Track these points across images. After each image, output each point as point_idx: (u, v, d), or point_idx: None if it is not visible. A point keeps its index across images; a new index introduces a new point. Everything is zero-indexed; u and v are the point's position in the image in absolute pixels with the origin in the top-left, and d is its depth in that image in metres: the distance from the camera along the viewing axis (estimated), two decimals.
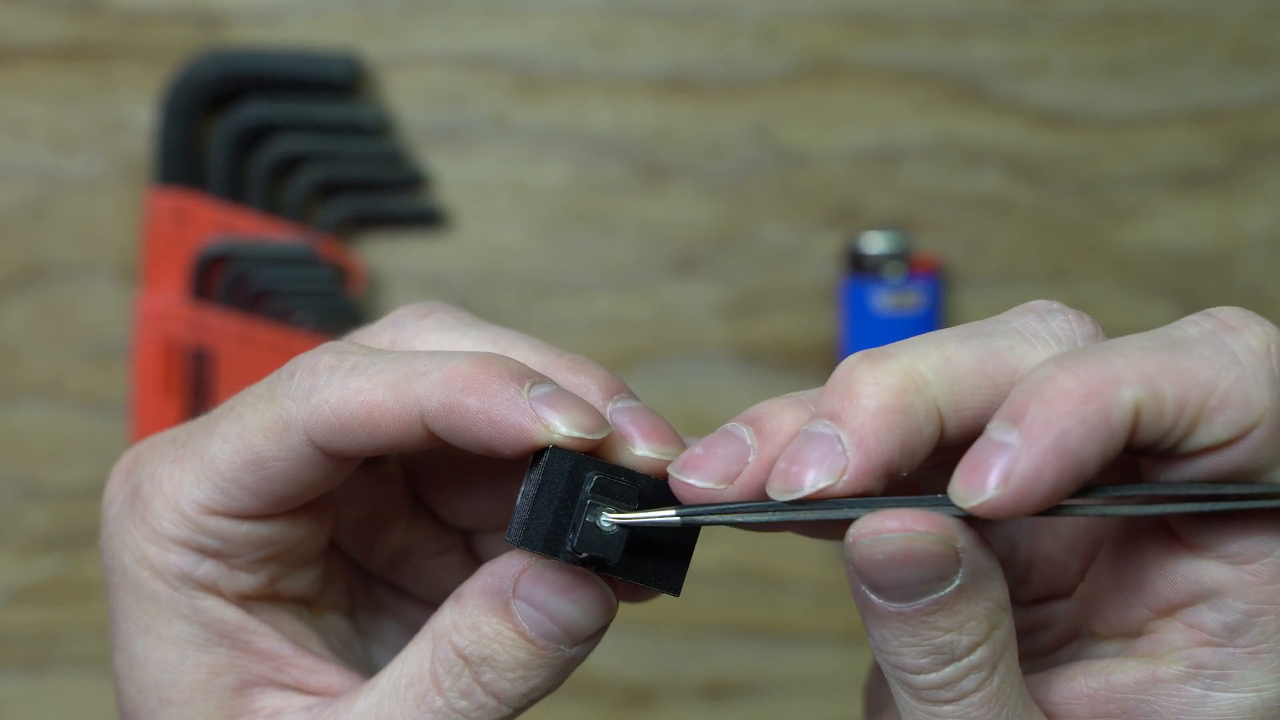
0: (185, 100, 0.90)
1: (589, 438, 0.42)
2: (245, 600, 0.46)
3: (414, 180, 0.91)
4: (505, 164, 0.92)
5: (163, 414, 0.90)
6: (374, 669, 0.48)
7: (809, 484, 0.39)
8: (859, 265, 0.90)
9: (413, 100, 0.92)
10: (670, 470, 0.41)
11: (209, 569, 0.45)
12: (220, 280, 0.90)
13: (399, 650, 0.46)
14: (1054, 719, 0.42)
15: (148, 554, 0.45)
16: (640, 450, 0.43)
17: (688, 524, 0.41)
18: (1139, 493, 0.39)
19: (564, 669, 0.43)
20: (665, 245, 0.92)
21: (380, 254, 0.92)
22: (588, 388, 0.44)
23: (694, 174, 0.92)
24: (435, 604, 0.45)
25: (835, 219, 0.92)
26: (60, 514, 0.91)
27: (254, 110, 0.90)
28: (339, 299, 0.90)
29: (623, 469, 0.42)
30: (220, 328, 0.90)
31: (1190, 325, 0.39)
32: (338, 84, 0.90)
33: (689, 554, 0.43)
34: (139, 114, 0.91)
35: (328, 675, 0.46)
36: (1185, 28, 0.93)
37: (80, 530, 0.91)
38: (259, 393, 0.44)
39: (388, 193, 0.92)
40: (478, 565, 0.44)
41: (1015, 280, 0.92)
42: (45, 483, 0.91)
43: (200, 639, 0.45)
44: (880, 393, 0.39)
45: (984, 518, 0.38)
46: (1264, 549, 0.39)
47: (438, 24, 0.91)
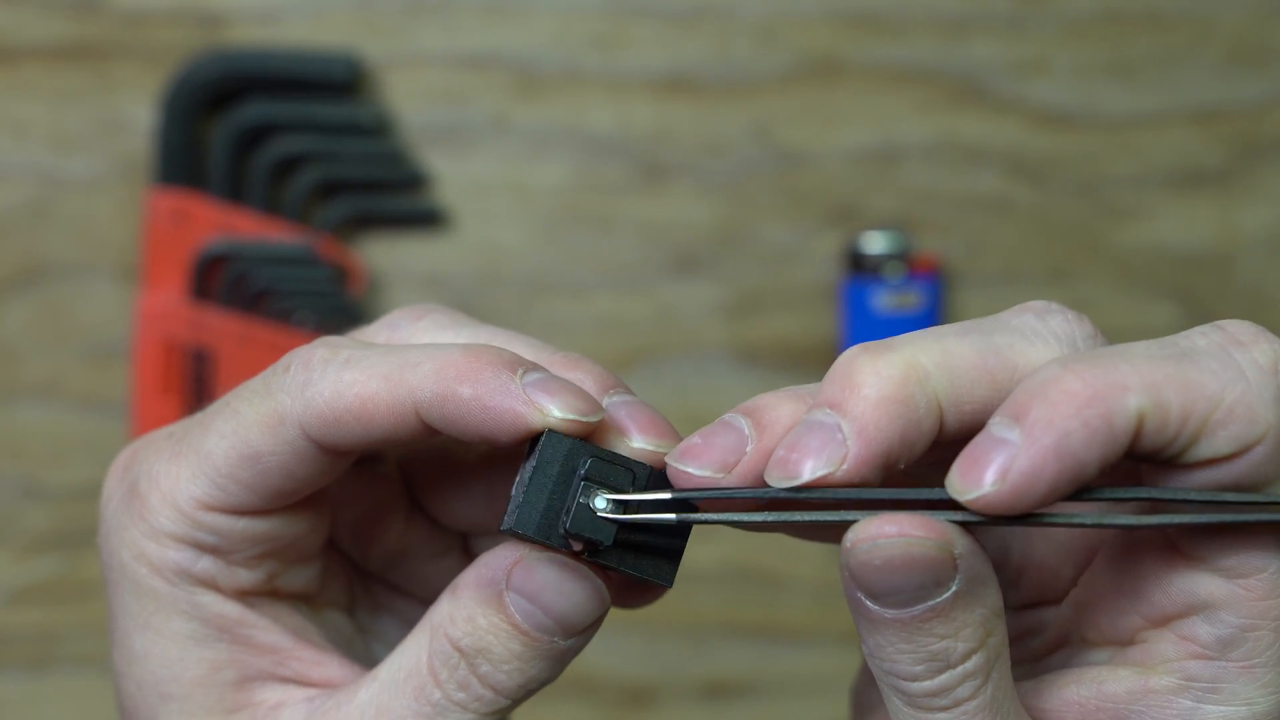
0: (185, 100, 0.90)
1: (583, 420, 0.41)
2: (244, 596, 0.45)
3: (414, 180, 0.91)
4: (505, 164, 0.92)
5: (163, 414, 0.90)
6: (375, 664, 0.48)
7: (808, 471, 0.39)
8: (859, 265, 0.90)
9: (413, 100, 0.92)
10: (668, 459, 0.41)
11: (207, 565, 0.45)
12: (220, 280, 0.90)
13: None
14: None
15: (145, 550, 0.44)
16: (637, 442, 0.43)
17: (683, 521, 0.41)
18: (1136, 497, 0.39)
19: (560, 660, 0.43)
20: (665, 245, 0.92)
21: (380, 254, 0.92)
22: (583, 382, 0.43)
23: (694, 174, 0.92)
24: None
25: (835, 219, 0.92)
26: (60, 514, 0.91)
27: (254, 110, 0.90)
28: (339, 299, 0.90)
29: (619, 456, 0.42)
30: (220, 328, 0.90)
31: (1199, 336, 0.39)
32: (338, 84, 0.90)
33: (682, 546, 0.42)
34: (139, 114, 0.91)
35: (329, 667, 0.46)
36: (1185, 28, 0.93)
37: (80, 530, 0.91)
38: (254, 388, 0.44)
39: (388, 193, 0.92)
40: None
41: (1015, 280, 0.92)
42: (45, 483, 0.91)
43: (200, 634, 0.45)
44: (882, 383, 0.39)
45: (978, 513, 0.38)
46: (1259, 564, 0.39)
47: (438, 24, 0.91)
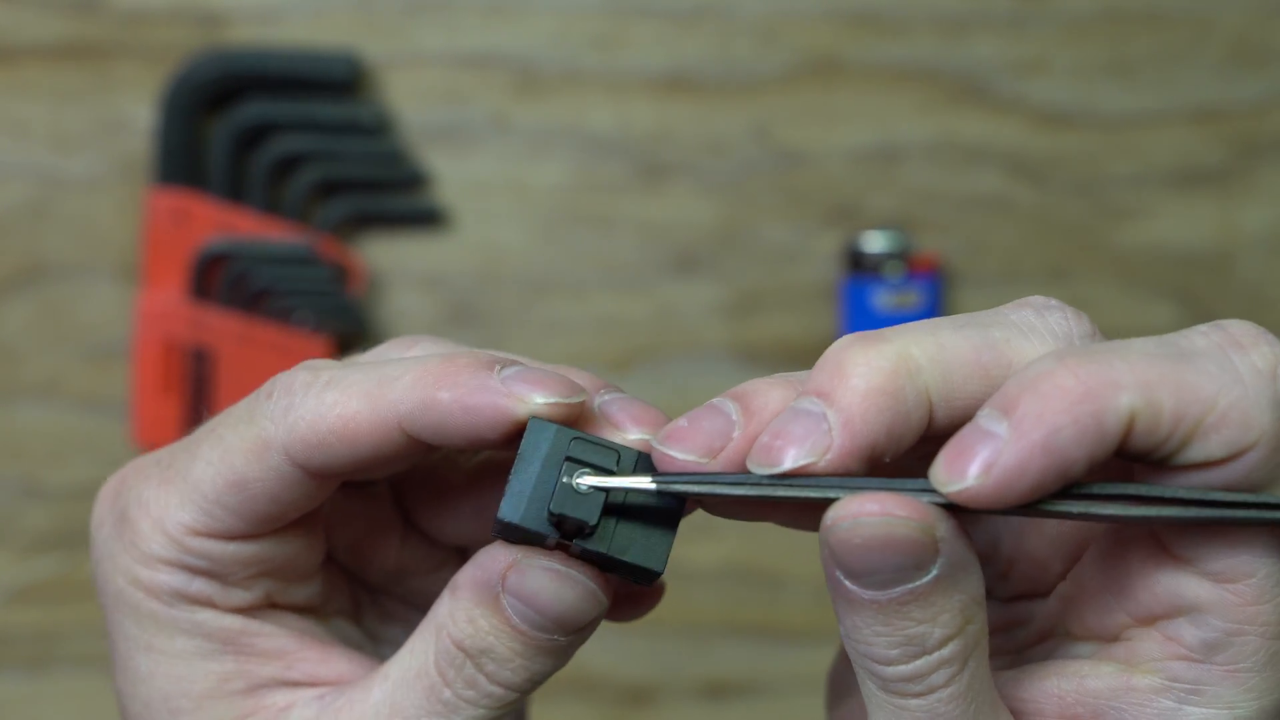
0: (185, 100, 0.90)
1: (565, 401, 0.41)
2: (243, 612, 0.45)
3: (414, 180, 0.91)
4: (505, 164, 0.92)
5: (163, 414, 0.90)
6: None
7: (789, 460, 0.38)
8: (859, 265, 0.90)
9: (413, 100, 0.92)
10: (653, 442, 0.41)
11: (201, 586, 0.45)
12: (220, 280, 0.90)
13: None
14: (1019, 715, 0.41)
15: (139, 575, 0.45)
16: (632, 434, 0.43)
17: (663, 490, 0.41)
18: (1125, 493, 0.38)
19: (565, 652, 0.43)
20: (665, 245, 0.92)
21: (380, 254, 0.92)
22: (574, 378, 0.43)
23: (694, 174, 0.92)
24: None
25: (835, 219, 0.92)
26: (60, 514, 0.91)
27: (254, 110, 0.90)
28: (339, 298, 0.90)
29: (605, 440, 0.42)
30: (220, 327, 0.90)
31: (1199, 336, 0.39)
32: (338, 84, 0.90)
33: (673, 530, 0.42)
34: (139, 114, 0.91)
35: (337, 663, 0.46)
36: (1185, 28, 0.92)
37: (80, 530, 0.91)
38: (238, 414, 0.44)
39: (388, 192, 0.92)
40: None
41: (1015, 280, 0.92)
42: (45, 483, 0.91)
43: (204, 649, 0.45)
44: (871, 374, 0.38)
45: (962, 506, 0.37)
46: (1248, 569, 0.38)
47: (438, 24, 0.91)
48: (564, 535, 0.42)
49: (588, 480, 0.41)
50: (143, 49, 0.91)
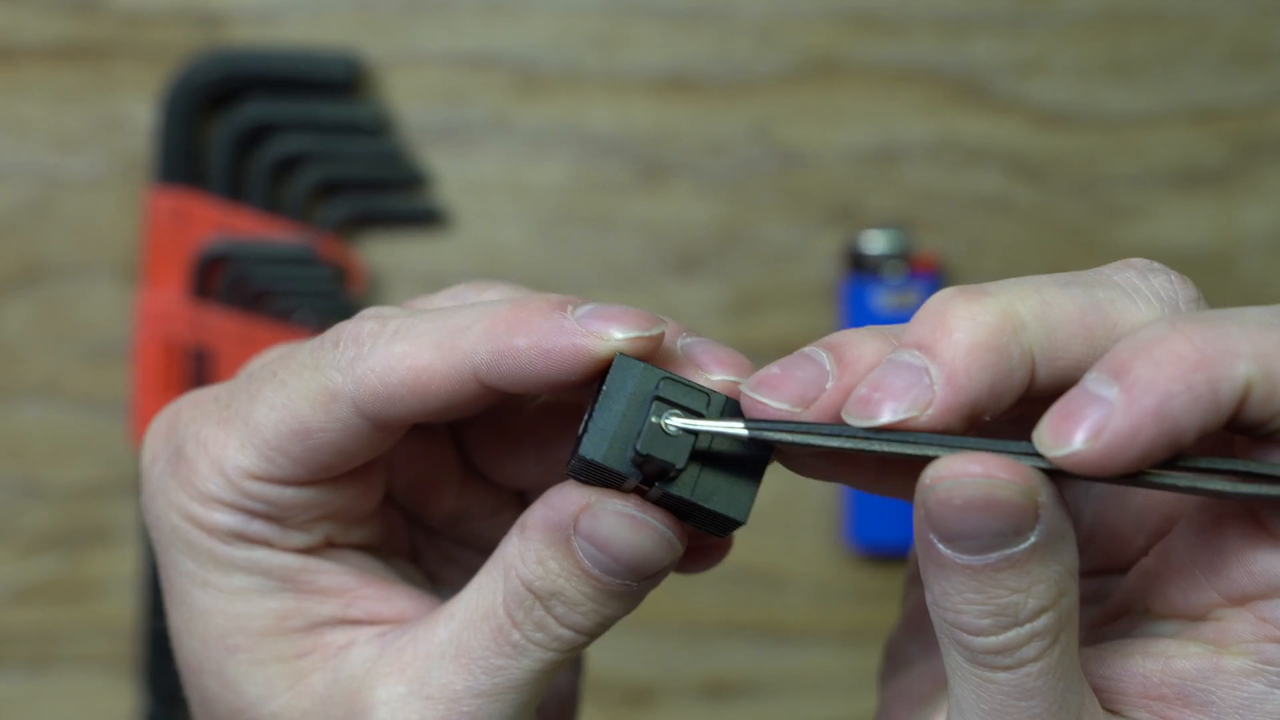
0: (185, 100, 0.90)
1: (645, 335, 0.40)
2: (302, 551, 0.44)
3: (414, 180, 0.91)
4: (505, 164, 0.92)
5: None
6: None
7: (888, 413, 0.37)
8: (859, 265, 0.90)
9: (413, 100, 0.92)
10: (743, 388, 0.40)
11: (260, 527, 0.44)
12: (220, 280, 0.90)
13: None
14: (1100, 693, 0.40)
15: (195, 514, 0.44)
16: (716, 375, 0.41)
17: (755, 438, 0.39)
18: (1234, 468, 0.37)
19: (637, 597, 0.42)
20: (666, 245, 0.92)
21: (380, 253, 0.92)
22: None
23: (694, 174, 0.92)
24: None
25: (835, 219, 0.92)
26: (60, 514, 0.91)
27: (254, 110, 0.90)
28: (339, 298, 0.90)
29: (693, 382, 0.40)
30: (220, 327, 0.90)
31: None
32: (338, 84, 0.90)
33: (758, 481, 0.41)
34: (139, 114, 0.91)
35: (399, 601, 0.45)
36: (1185, 28, 0.92)
37: (80, 530, 0.91)
38: (303, 360, 0.43)
39: (388, 192, 0.92)
40: None
41: None
42: (45, 483, 0.91)
43: (263, 586, 0.44)
44: (976, 329, 0.37)
45: (1065, 472, 0.36)
46: None
47: (438, 24, 0.91)
48: (645, 478, 0.40)
49: (678, 421, 0.40)
50: (143, 49, 0.91)
